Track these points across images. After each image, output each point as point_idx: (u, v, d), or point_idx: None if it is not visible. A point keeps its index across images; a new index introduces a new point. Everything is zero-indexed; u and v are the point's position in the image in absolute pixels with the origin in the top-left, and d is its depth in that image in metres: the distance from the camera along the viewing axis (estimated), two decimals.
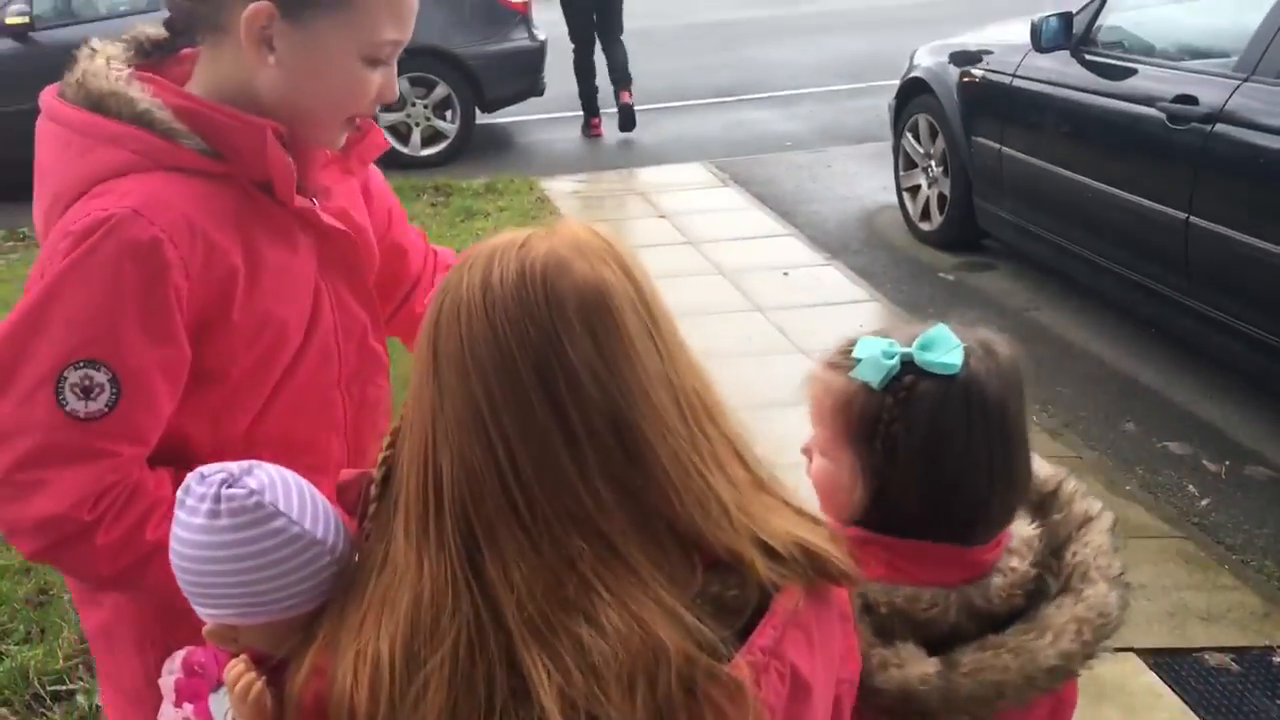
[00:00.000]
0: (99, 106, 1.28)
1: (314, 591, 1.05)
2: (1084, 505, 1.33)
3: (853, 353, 1.23)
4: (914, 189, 6.10)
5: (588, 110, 8.76)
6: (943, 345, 1.20)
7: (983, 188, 5.40)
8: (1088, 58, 4.69)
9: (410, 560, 0.92)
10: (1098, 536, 1.30)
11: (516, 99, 8.48)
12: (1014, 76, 5.08)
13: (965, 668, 1.17)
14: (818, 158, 7.76)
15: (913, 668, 1.16)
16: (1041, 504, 1.34)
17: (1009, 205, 5.19)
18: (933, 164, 5.85)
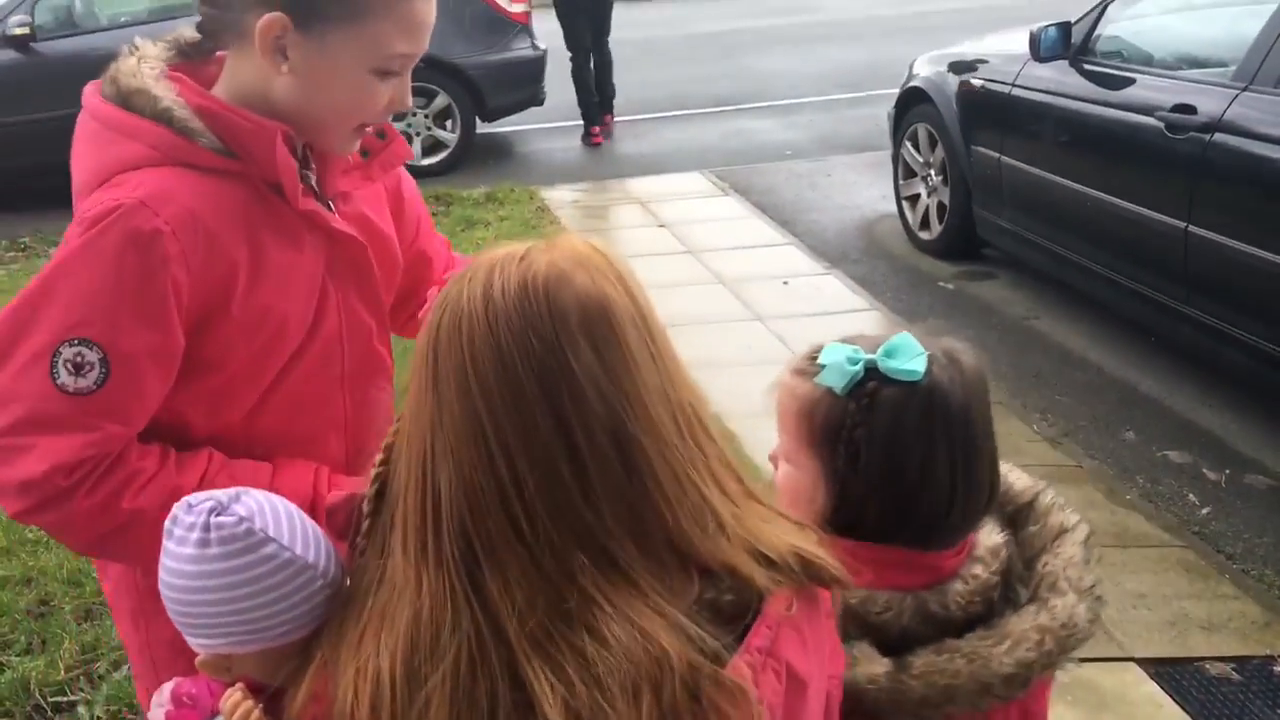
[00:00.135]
0: (126, 102, 1.34)
1: (308, 616, 1.04)
2: (1060, 517, 1.33)
3: (818, 359, 1.24)
4: (913, 198, 6.11)
5: (587, 119, 8.78)
6: (906, 353, 1.21)
7: (982, 197, 5.41)
8: (1086, 67, 4.71)
9: (409, 576, 0.91)
10: (1070, 548, 1.30)
11: (517, 108, 8.51)
12: (1013, 86, 5.10)
13: (916, 670, 1.17)
14: (817, 167, 7.77)
15: (863, 667, 1.16)
16: (1017, 515, 1.35)
17: (1008, 214, 5.20)
18: (932, 173, 5.87)
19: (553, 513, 0.89)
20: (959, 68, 5.64)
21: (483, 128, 8.48)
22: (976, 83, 5.42)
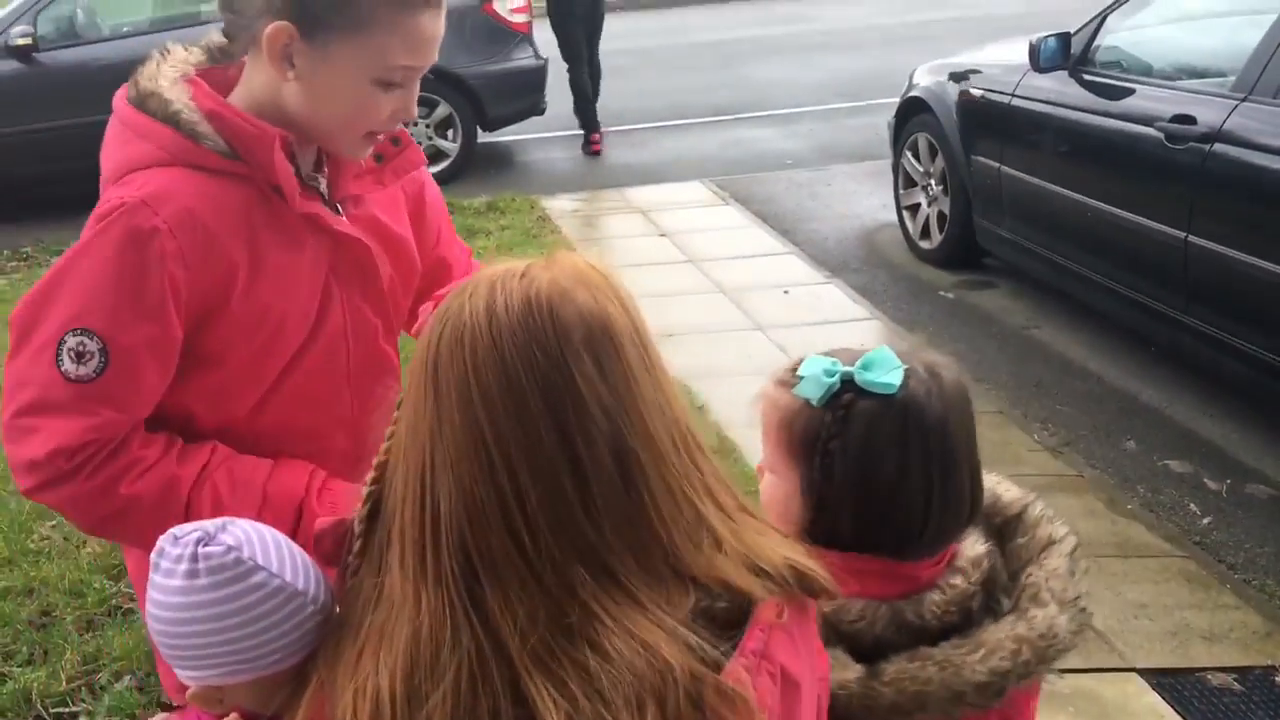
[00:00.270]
0: (142, 104, 1.41)
1: (299, 643, 1.04)
2: (1049, 529, 1.34)
3: (799, 370, 1.26)
4: (914, 207, 6.12)
5: (587, 127, 8.80)
6: (883, 365, 1.22)
7: (982, 206, 5.42)
8: (1086, 78, 4.72)
9: (407, 593, 0.90)
10: (1055, 560, 1.30)
11: (517, 118, 8.52)
12: (1013, 96, 5.11)
13: (888, 676, 1.18)
14: (817, 176, 7.78)
15: (835, 673, 1.17)
16: (1005, 527, 1.35)
17: (1009, 224, 5.21)
18: (932, 182, 5.88)
19: (554, 527, 0.89)
20: (959, 78, 5.65)
21: (484, 137, 8.49)
22: (976, 92, 5.43)
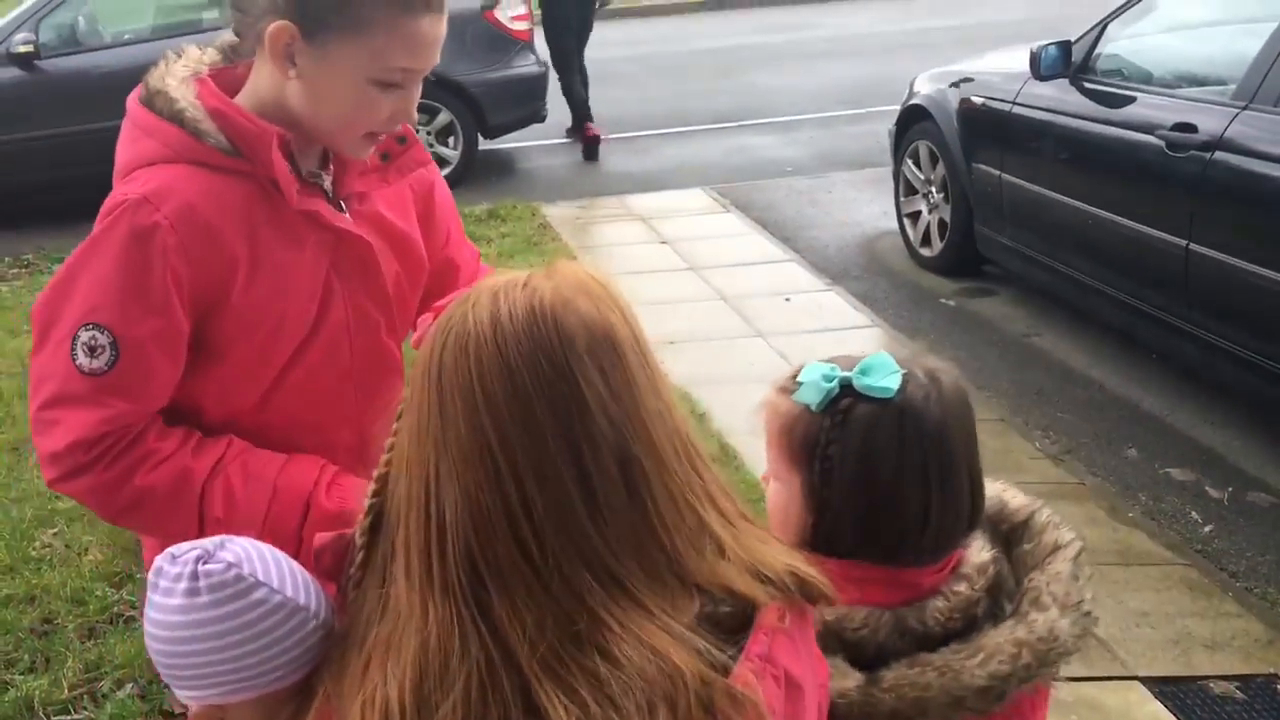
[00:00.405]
0: (150, 103, 1.45)
1: (302, 659, 1.04)
2: (1054, 535, 1.34)
3: (798, 377, 1.27)
4: (914, 215, 6.13)
5: (581, 117, 8.90)
6: (880, 370, 1.23)
7: (983, 214, 5.42)
8: (1087, 86, 4.73)
9: (414, 603, 0.90)
10: (1059, 564, 1.30)
11: (518, 125, 8.54)
12: (1014, 104, 5.12)
13: (888, 683, 1.18)
14: (818, 183, 7.79)
15: (835, 682, 1.17)
16: (1012, 533, 1.35)
17: (1010, 231, 5.21)
18: (933, 190, 5.88)
19: (561, 534, 0.89)
20: (960, 86, 5.66)
21: (484, 144, 8.51)
22: (977, 100, 5.44)
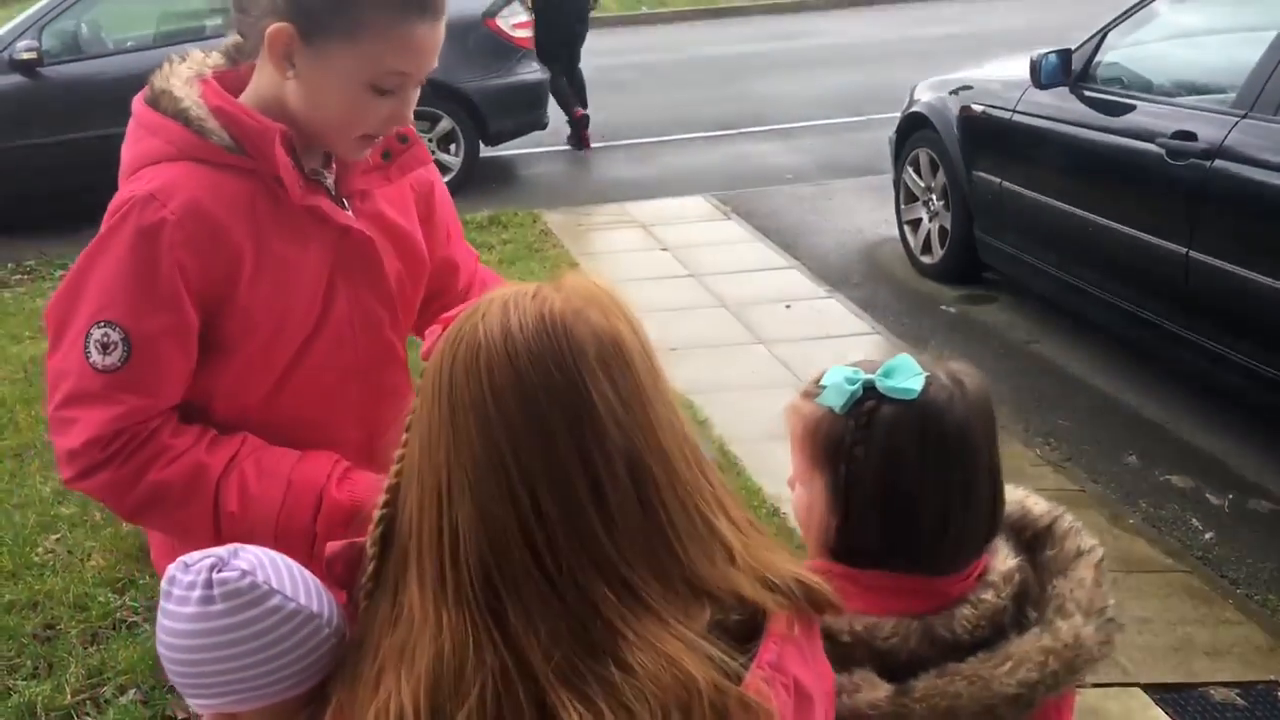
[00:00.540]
0: (154, 103, 1.47)
1: (315, 667, 1.04)
2: (1076, 542, 1.34)
3: (821, 381, 1.28)
4: (915, 222, 6.14)
5: (568, 107, 9.10)
6: (903, 372, 1.24)
7: (984, 221, 5.43)
8: (1087, 94, 4.74)
9: (428, 613, 0.91)
10: (1083, 571, 1.31)
11: (520, 132, 8.56)
12: (1014, 112, 5.13)
13: (918, 693, 1.18)
14: (819, 190, 7.80)
15: (865, 693, 1.17)
16: (1034, 540, 1.36)
17: (1010, 239, 5.22)
18: (933, 198, 5.89)
19: (575, 544, 0.90)
20: (960, 93, 5.67)
21: (486, 151, 8.52)
22: (978, 108, 5.46)
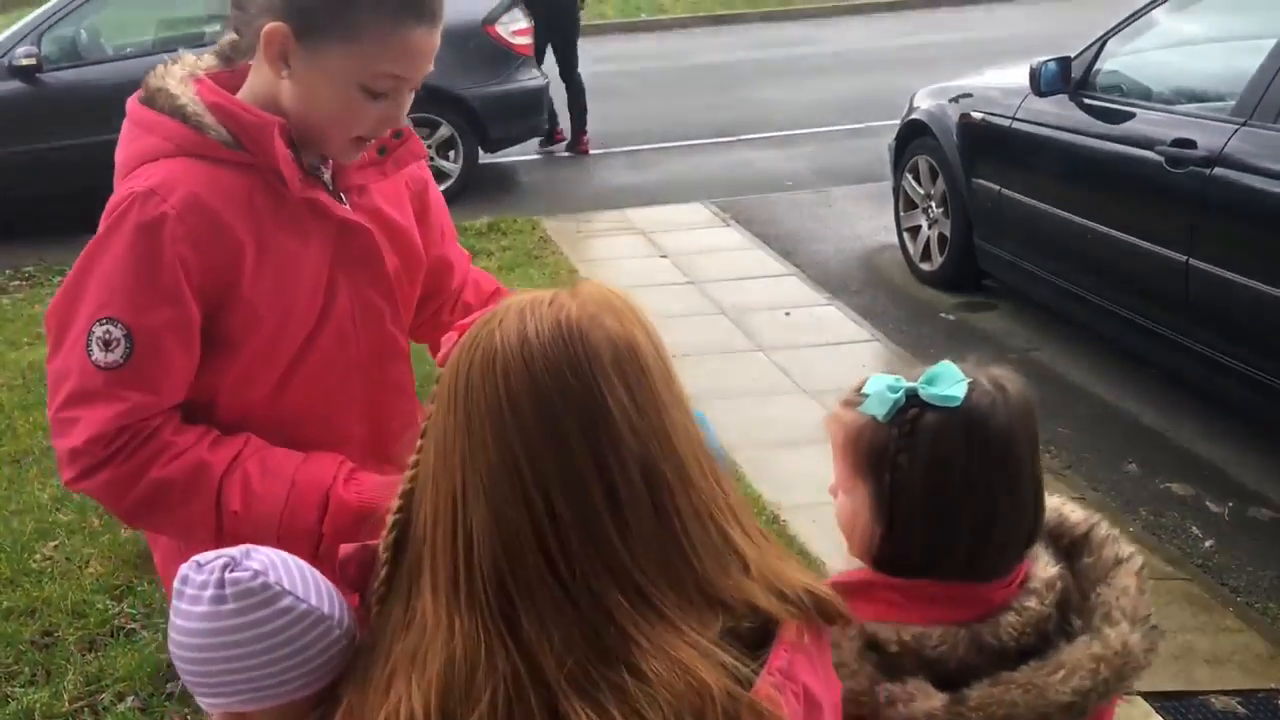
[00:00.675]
0: (150, 101, 1.48)
1: (326, 668, 1.04)
2: (1114, 549, 1.35)
3: (863, 389, 1.28)
4: (914, 229, 6.14)
5: (552, 120, 9.22)
6: (947, 379, 1.25)
7: (983, 229, 5.44)
8: (1086, 102, 4.74)
9: (440, 617, 0.91)
10: (1125, 579, 1.31)
11: (519, 139, 8.58)
12: (1013, 119, 5.13)
13: (973, 702, 1.18)
14: (818, 197, 7.81)
15: (920, 703, 1.17)
16: (1072, 547, 1.37)
17: (1009, 246, 5.22)
18: (933, 205, 5.90)
19: (589, 550, 0.90)
20: (960, 101, 5.68)
21: (485, 158, 8.53)
22: (977, 116, 5.46)
